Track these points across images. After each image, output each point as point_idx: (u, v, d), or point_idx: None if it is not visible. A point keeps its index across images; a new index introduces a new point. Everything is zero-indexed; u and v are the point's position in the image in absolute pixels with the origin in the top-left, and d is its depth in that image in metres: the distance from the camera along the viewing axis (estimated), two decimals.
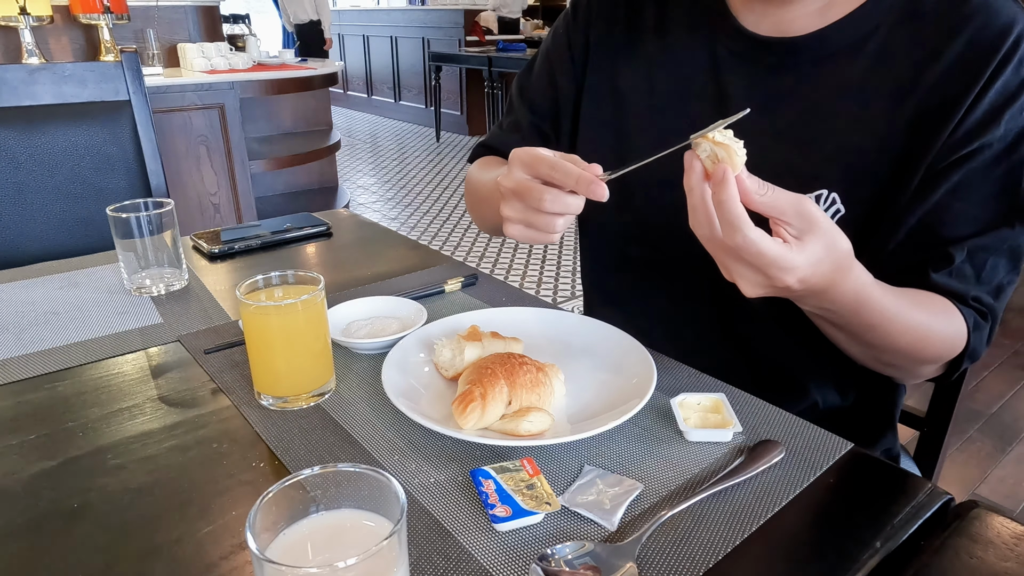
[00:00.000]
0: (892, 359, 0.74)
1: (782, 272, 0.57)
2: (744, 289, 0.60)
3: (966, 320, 0.71)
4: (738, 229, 0.55)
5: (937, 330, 0.71)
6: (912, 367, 0.76)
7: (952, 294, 0.72)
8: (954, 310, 0.72)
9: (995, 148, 0.69)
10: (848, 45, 0.74)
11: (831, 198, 0.75)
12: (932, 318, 0.71)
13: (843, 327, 0.70)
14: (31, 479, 0.57)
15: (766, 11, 0.79)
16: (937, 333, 0.71)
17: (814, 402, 0.86)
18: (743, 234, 0.55)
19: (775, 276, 0.57)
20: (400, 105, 8.03)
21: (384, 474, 0.40)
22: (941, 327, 0.71)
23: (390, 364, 0.69)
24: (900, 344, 0.71)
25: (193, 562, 0.48)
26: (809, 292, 0.61)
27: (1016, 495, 1.97)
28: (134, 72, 1.40)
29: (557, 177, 0.63)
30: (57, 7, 3.12)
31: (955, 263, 0.71)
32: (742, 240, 0.55)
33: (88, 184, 1.36)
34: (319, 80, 3.51)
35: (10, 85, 1.30)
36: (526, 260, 3.62)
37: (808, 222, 0.57)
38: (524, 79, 1.01)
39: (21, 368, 0.74)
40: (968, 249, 0.71)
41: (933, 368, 0.76)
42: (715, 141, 0.55)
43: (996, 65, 0.68)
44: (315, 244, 1.15)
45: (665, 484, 0.56)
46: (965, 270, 0.71)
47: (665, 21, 0.87)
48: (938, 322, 0.71)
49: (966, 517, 0.52)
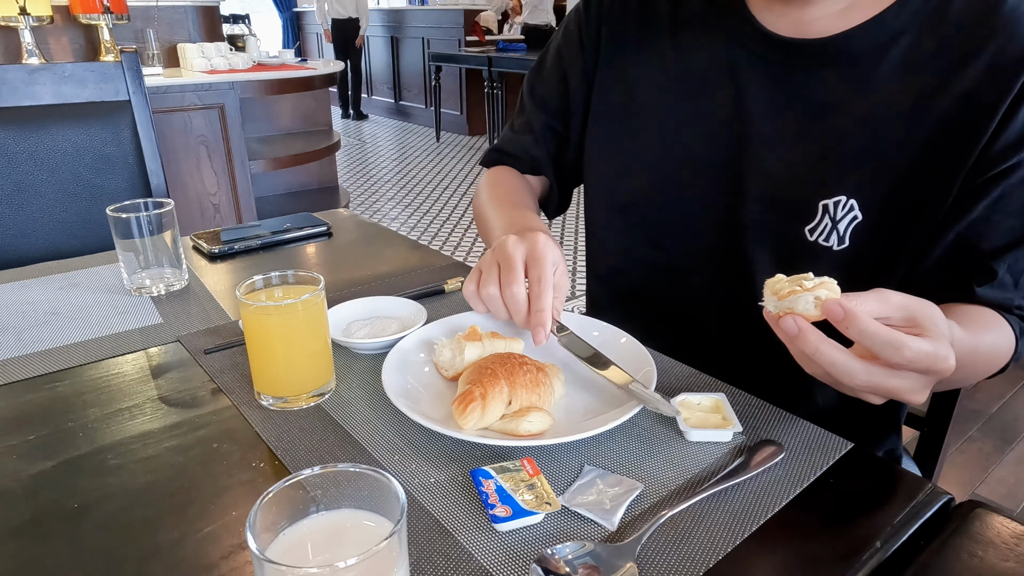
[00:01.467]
0: (961, 383, 0.76)
1: (946, 361, 0.52)
2: (915, 401, 0.55)
3: (1013, 328, 0.72)
4: (904, 345, 0.50)
5: (1003, 346, 0.72)
6: (974, 380, 0.77)
7: (998, 305, 0.72)
8: (1003, 323, 0.72)
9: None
10: (871, 49, 0.73)
11: (849, 204, 0.75)
12: (996, 336, 0.71)
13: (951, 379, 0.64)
14: (31, 479, 0.57)
15: (785, 11, 0.78)
16: (1003, 349, 0.72)
17: (816, 403, 0.86)
18: (910, 348, 0.50)
19: (941, 368, 0.52)
20: (400, 105, 8.04)
21: (384, 474, 0.40)
22: (1004, 342, 0.72)
23: (390, 364, 0.69)
24: (980, 371, 0.72)
25: (193, 562, 0.48)
26: None
27: (1016, 495, 1.97)
28: (134, 72, 1.40)
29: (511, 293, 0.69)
30: (57, 7, 3.13)
31: (997, 276, 0.71)
32: (912, 354, 0.50)
33: (88, 184, 1.36)
34: (319, 80, 3.51)
35: (10, 85, 1.30)
36: None
37: (909, 311, 0.53)
38: (535, 78, 1.00)
39: (21, 368, 0.74)
40: (1011, 261, 0.71)
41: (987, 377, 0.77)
42: (808, 288, 0.50)
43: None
44: (315, 244, 1.15)
45: (665, 484, 0.56)
46: (1006, 280, 0.72)
47: (679, 17, 0.86)
48: (1001, 338, 0.72)
49: (966, 517, 0.52)
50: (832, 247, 0.76)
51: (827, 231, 0.76)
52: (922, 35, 0.72)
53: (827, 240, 0.76)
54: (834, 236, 0.76)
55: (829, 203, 0.76)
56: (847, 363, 0.52)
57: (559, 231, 4.06)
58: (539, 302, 0.68)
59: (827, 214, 0.76)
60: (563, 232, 4.05)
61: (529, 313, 0.69)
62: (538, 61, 1.01)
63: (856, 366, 0.52)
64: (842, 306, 0.50)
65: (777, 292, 0.52)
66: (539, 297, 0.68)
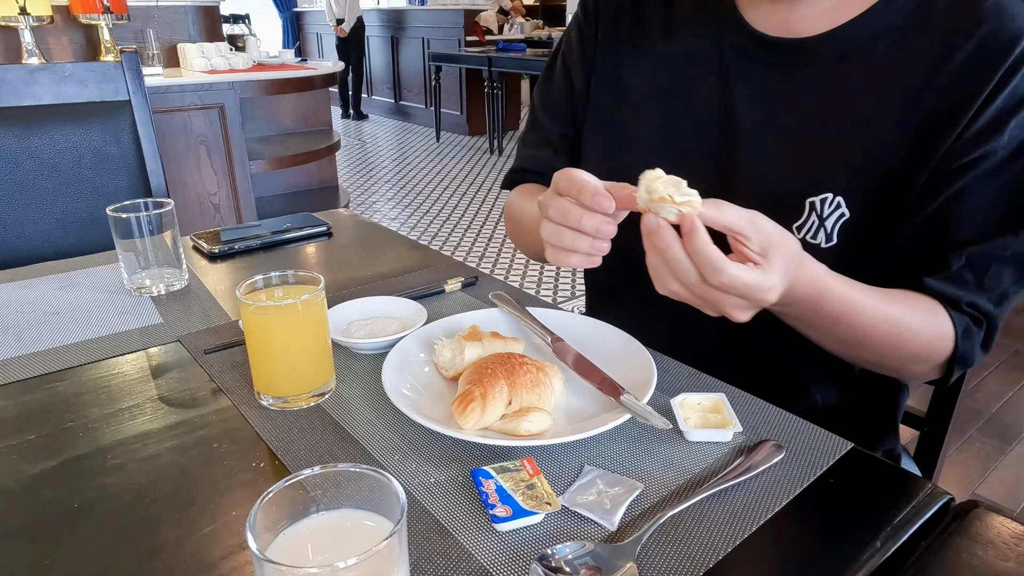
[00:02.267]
0: (871, 355, 0.74)
1: (765, 293, 0.58)
2: (737, 317, 0.60)
3: (955, 325, 0.71)
4: (722, 270, 0.55)
5: (913, 325, 0.71)
6: (897, 364, 0.76)
7: (945, 298, 0.71)
8: (940, 311, 0.71)
9: (999, 155, 0.69)
10: (857, 47, 0.74)
11: (836, 201, 0.75)
12: (907, 312, 0.71)
13: (811, 323, 0.71)
14: (31, 479, 0.57)
15: (773, 10, 0.78)
16: (913, 328, 0.71)
17: (814, 402, 0.86)
18: (727, 273, 0.56)
19: (759, 299, 0.58)
20: (400, 105, 8.04)
21: (384, 474, 0.40)
22: (918, 323, 0.71)
23: (390, 364, 0.69)
24: (872, 337, 0.71)
25: (193, 562, 0.48)
26: (784, 300, 0.62)
27: (1016, 495, 1.97)
28: (134, 72, 1.40)
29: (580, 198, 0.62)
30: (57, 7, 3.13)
31: (951, 269, 0.71)
32: (727, 279, 0.56)
33: (88, 184, 1.36)
34: (319, 80, 3.51)
35: (10, 85, 1.30)
36: (526, 260, 3.62)
37: (766, 235, 0.58)
38: (544, 89, 1.00)
39: (21, 368, 0.74)
40: (969, 256, 0.71)
41: (924, 368, 0.76)
42: (676, 201, 0.55)
43: (1005, 71, 0.67)
44: (315, 244, 1.15)
45: (665, 484, 0.56)
46: (965, 276, 0.71)
47: (671, 16, 0.87)
48: (915, 318, 0.71)
49: (966, 517, 0.52)
50: (820, 244, 0.77)
51: (815, 228, 0.77)
52: (908, 32, 0.72)
53: (815, 237, 0.77)
54: (822, 233, 0.76)
55: (816, 200, 0.76)
56: (687, 267, 0.57)
57: None
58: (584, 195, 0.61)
59: (814, 211, 0.76)
60: None
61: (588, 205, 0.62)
62: (545, 72, 1.01)
63: (693, 272, 0.57)
64: (691, 221, 0.55)
65: (651, 191, 0.56)
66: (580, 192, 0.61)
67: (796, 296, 0.64)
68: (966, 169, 0.69)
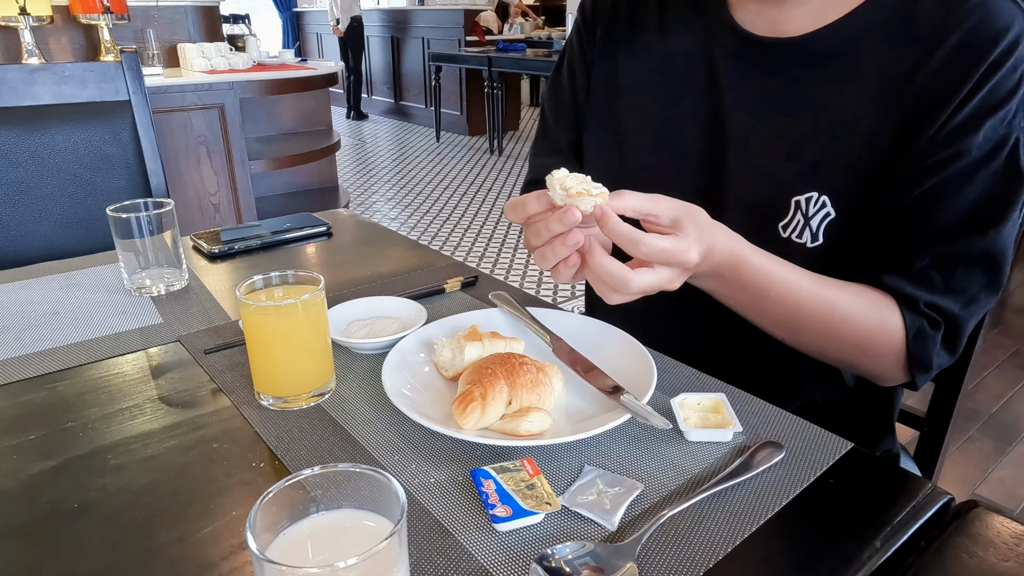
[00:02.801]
0: (808, 339, 0.75)
1: (685, 255, 0.63)
2: (670, 285, 0.65)
3: (906, 324, 0.70)
4: (640, 241, 0.61)
5: (847, 311, 0.71)
6: (840, 354, 0.75)
7: (901, 296, 0.71)
8: (888, 305, 0.71)
9: (972, 156, 0.67)
10: (843, 47, 0.74)
11: (821, 200, 0.75)
12: (843, 298, 0.71)
13: (738, 298, 0.73)
14: (31, 479, 0.57)
15: (761, 9, 0.79)
16: (847, 313, 0.71)
17: (811, 401, 0.86)
18: (645, 243, 0.61)
19: (682, 261, 0.63)
20: (400, 105, 8.04)
21: (384, 474, 0.40)
22: (857, 310, 0.71)
23: (390, 364, 0.69)
24: (803, 317, 0.71)
25: (193, 562, 0.48)
26: (706, 267, 0.67)
27: (1016, 495, 1.97)
28: (134, 72, 1.40)
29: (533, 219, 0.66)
30: (57, 7, 3.12)
31: (913, 267, 0.70)
32: (647, 248, 0.61)
33: (88, 184, 1.36)
34: (319, 80, 3.51)
35: (10, 85, 1.30)
36: (526, 260, 3.62)
37: (671, 209, 0.64)
38: (552, 96, 1.01)
39: (21, 368, 0.74)
40: (934, 256, 0.70)
41: (877, 365, 0.75)
42: (592, 194, 0.61)
43: (986, 69, 0.66)
44: (315, 244, 1.15)
45: (665, 484, 0.56)
46: (931, 276, 0.70)
47: (665, 16, 0.88)
48: (853, 305, 0.71)
49: (966, 517, 0.52)
50: (806, 244, 0.77)
51: (800, 227, 0.77)
52: (892, 31, 0.72)
53: (800, 236, 0.77)
54: (807, 233, 0.76)
55: (801, 199, 0.76)
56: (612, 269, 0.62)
57: None
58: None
59: (799, 210, 0.76)
60: None
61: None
62: (552, 79, 1.02)
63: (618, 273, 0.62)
64: (602, 208, 0.61)
65: (566, 189, 0.61)
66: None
67: (716, 262, 0.67)
68: (938, 167, 0.68)
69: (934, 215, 0.70)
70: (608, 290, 0.64)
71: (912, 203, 0.70)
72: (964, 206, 0.69)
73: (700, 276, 0.69)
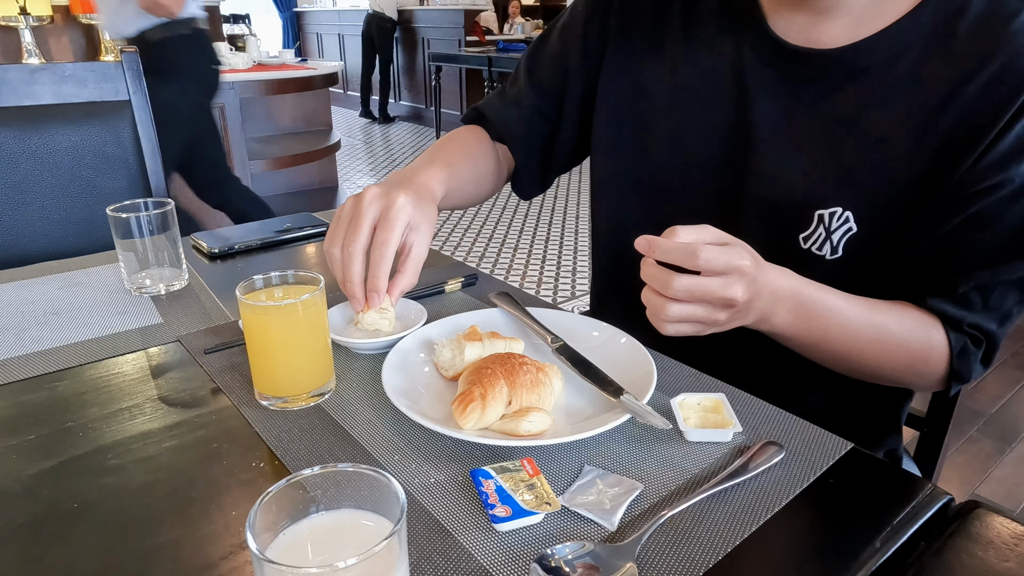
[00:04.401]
0: (860, 366, 0.75)
1: (742, 259, 0.62)
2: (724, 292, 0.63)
3: (951, 343, 0.71)
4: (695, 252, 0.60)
5: (902, 335, 0.72)
6: (889, 374, 0.76)
7: (946, 318, 0.72)
8: (932, 324, 0.72)
9: (1016, 184, 0.68)
10: (879, 62, 0.73)
11: (844, 216, 0.74)
12: (896, 322, 0.71)
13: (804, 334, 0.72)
14: (31, 479, 0.57)
15: (795, 18, 0.77)
16: (902, 338, 0.72)
17: (816, 400, 0.86)
18: (703, 252, 0.60)
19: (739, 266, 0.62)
20: (400, 105, 8.03)
21: (384, 474, 0.40)
22: (907, 332, 0.72)
23: (390, 364, 0.69)
24: (863, 346, 0.72)
25: (193, 562, 0.48)
26: (767, 294, 0.66)
27: (1016, 495, 1.97)
28: (134, 72, 1.40)
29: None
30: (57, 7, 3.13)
31: (957, 291, 0.71)
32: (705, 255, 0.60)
33: (88, 184, 1.36)
34: (319, 80, 3.51)
35: (10, 85, 1.30)
36: (526, 260, 3.62)
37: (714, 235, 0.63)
38: (535, 55, 0.99)
39: (21, 368, 0.74)
40: (977, 281, 0.71)
41: (920, 381, 0.76)
42: None
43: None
44: (315, 244, 1.15)
45: (665, 484, 0.56)
46: (971, 298, 0.71)
47: (693, 16, 0.86)
48: (904, 327, 0.72)
49: (966, 517, 0.52)
50: (825, 256, 0.76)
51: (821, 240, 0.76)
52: (931, 49, 0.71)
53: (820, 249, 0.77)
54: (827, 246, 0.76)
55: (824, 213, 0.75)
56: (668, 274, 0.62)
57: (559, 232, 4.06)
58: (375, 269, 0.69)
59: (822, 223, 0.76)
60: (563, 231, 4.05)
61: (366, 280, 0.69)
62: (540, 38, 1.00)
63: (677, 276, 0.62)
64: (647, 239, 0.62)
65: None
66: (376, 264, 0.68)
67: (776, 289, 0.67)
68: (983, 195, 0.68)
69: (978, 241, 0.70)
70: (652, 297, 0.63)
71: (955, 229, 0.70)
72: (1008, 232, 0.69)
73: (767, 313, 0.68)
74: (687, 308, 0.63)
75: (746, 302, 0.64)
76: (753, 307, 0.66)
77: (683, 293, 0.62)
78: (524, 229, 4.10)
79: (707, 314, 0.63)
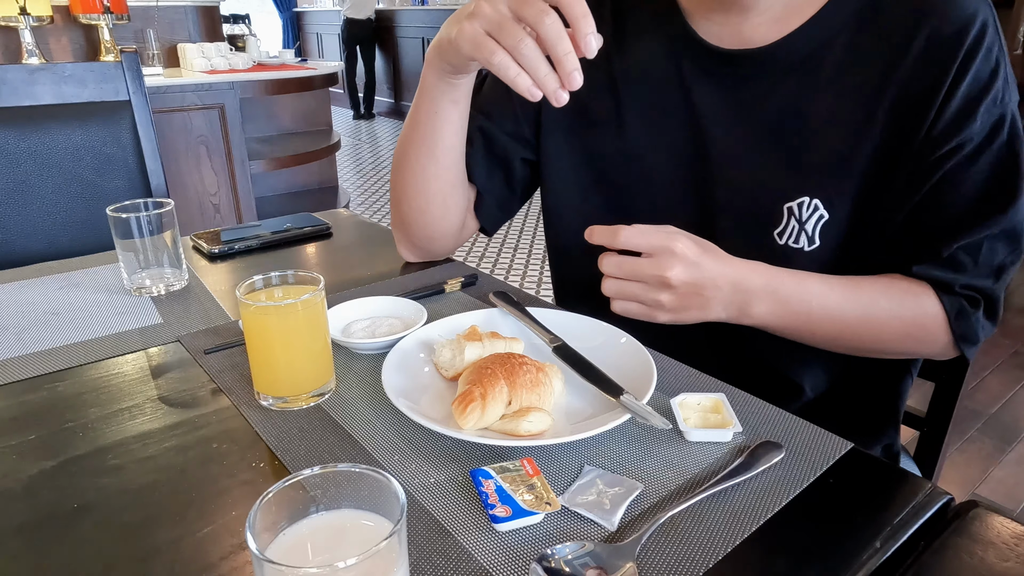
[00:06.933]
0: (865, 344, 0.76)
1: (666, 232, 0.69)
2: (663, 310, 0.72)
3: (945, 308, 0.72)
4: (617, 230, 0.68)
5: (892, 306, 0.73)
6: (890, 347, 0.77)
7: (936, 283, 0.72)
8: (924, 291, 0.72)
9: (975, 142, 0.69)
10: (813, 51, 0.74)
11: (813, 204, 0.75)
12: (883, 294, 0.73)
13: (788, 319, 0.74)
14: (31, 479, 0.57)
15: (724, 20, 0.78)
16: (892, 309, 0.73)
17: (813, 390, 0.86)
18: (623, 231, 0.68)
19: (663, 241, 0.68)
20: (401, 105, 8.03)
21: (384, 474, 0.40)
22: (897, 303, 0.73)
23: (390, 364, 0.69)
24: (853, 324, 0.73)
25: (193, 562, 0.48)
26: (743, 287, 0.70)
27: (1016, 495, 1.97)
28: (134, 72, 1.40)
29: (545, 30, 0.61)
30: (57, 7, 3.13)
31: (941, 256, 0.72)
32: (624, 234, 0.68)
33: (88, 184, 1.36)
34: (319, 80, 3.51)
35: (10, 85, 1.30)
36: (526, 260, 3.62)
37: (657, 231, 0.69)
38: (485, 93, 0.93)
39: (21, 368, 0.74)
40: (961, 242, 0.71)
41: (926, 348, 0.77)
42: None
43: (963, 57, 0.67)
44: (315, 244, 1.15)
45: (665, 484, 0.56)
46: (960, 259, 0.72)
47: (624, 35, 0.85)
48: (892, 299, 0.73)
49: (966, 517, 0.52)
50: (803, 248, 0.77)
51: (795, 233, 0.77)
52: (859, 31, 0.72)
53: (797, 242, 0.77)
54: (803, 237, 0.77)
55: (793, 206, 0.76)
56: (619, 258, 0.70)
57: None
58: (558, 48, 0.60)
59: (792, 216, 0.77)
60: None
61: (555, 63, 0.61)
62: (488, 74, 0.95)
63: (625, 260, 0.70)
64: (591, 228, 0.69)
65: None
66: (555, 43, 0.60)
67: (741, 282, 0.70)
68: (945, 159, 0.70)
69: (950, 205, 0.71)
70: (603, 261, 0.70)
71: (926, 197, 0.71)
72: (977, 190, 0.70)
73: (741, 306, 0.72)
74: (620, 284, 0.71)
75: (689, 285, 0.68)
76: (707, 295, 0.70)
77: (613, 269, 0.71)
78: (524, 229, 4.10)
79: (643, 292, 0.70)
